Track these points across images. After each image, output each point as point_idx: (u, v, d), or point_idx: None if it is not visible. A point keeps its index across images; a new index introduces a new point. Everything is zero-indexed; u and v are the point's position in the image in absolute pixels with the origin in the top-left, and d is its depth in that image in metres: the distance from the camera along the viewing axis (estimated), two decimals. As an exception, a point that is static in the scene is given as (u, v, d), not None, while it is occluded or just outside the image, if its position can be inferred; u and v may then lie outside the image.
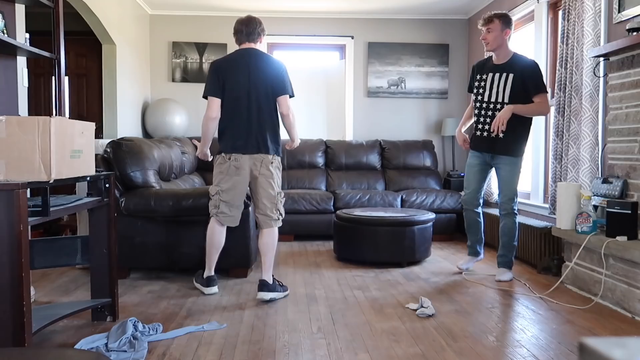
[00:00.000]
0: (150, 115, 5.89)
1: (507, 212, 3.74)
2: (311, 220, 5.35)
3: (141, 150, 3.86)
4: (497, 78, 3.66)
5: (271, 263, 3.38)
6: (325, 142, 6.16)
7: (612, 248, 3.09)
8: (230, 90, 3.30)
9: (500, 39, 3.63)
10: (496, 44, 3.64)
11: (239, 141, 3.29)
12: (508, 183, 3.70)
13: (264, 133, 3.29)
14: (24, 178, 2.09)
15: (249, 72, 3.30)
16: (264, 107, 3.30)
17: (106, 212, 2.82)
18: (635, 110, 3.24)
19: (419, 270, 4.12)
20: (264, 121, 3.29)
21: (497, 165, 3.75)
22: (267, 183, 3.31)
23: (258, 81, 3.29)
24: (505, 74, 3.63)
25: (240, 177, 3.32)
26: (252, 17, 3.42)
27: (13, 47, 3.04)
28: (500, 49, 3.66)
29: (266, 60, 3.37)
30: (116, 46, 5.11)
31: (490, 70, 3.71)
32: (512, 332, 2.74)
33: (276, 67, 3.35)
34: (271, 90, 3.31)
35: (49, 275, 3.89)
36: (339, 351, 2.46)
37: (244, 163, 3.30)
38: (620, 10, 3.50)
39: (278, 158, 3.38)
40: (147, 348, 2.46)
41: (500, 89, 3.63)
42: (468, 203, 3.90)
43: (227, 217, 3.40)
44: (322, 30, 6.40)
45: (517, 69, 3.60)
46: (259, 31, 3.40)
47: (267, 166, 3.31)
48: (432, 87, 6.46)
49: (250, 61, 3.32)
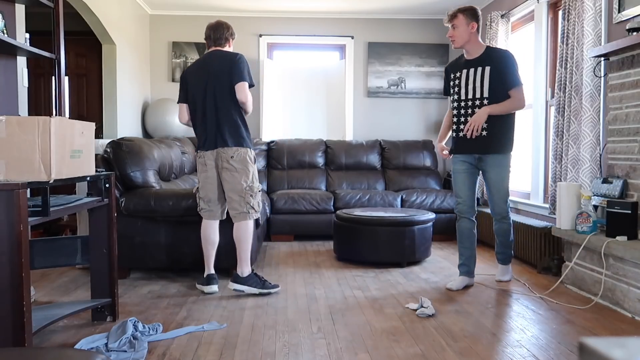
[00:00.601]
0: (150, 115, 5.89)
1: (501, 217, 3.57)
2: (311, 220, 5.35)
3: (141, 150, 3.86)
4: (472, 73, 3.43)
5: (242, 256, 3.43)
6: (325, 142, 6.16)
7: (612, 248, 3.09)
8: (192, 94, 3.46)
9: (467, 34, 3.41)
10: (463, 39, 3.42)
11: (201, 139, 3.46)
12: (498, 186, 3.49)
13: (221, 128, 3.38)
14: (24, 178, 2.09)
15: (208, 73, 3.41)
16: (221, 104, 3.38)
17: (106, 212, 2.82)
18: (635, 110, 3.24)
19: (419, 270, 4.11)
20: (221, 117, 3.38)
21: (484, 168, 3.51)
22: (230, 176, 3.39)
23: (214, 79, 3.38)
24: (480, 68, 3.41)
25: (208, 172, 3.46)
26: (221, 22, 3.51)
27: (13, 47, 3.04)
28: (469, 44, 3.44)
29: (223, 56, 3.44)
30: (116, 46, 5.11)
31: (463, 67, 3.50)
32: (512, 332, 2.74)
33: (230, 60, 3.39)
34: (228, 84, 3.36)
35: (49, 275, 3.89)
36: (339, 351, 2.46)
37: (208, 159, 3.44)
38: (620, 10, 3.50)
39: (243, 150, 3.39)
40: (147, 348, 2.46)
41: (477, 84, 3.41)
42: (464, 212, 3.58)
43: (207, 211, 3.50)
44: (322, 30, 6.40)
45: (493, 60, 3.39)
46: (226, 36, 3.50)
47: (228, 160, 3.38)
48: (432, 87, 6.46)
49: (209, 62, 3.44)
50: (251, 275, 3.40)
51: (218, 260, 3.78)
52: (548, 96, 4.61)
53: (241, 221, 3.43)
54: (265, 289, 3.39)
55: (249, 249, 3.47)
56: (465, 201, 3.58)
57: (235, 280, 3.38)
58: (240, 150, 3.39)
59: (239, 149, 3.39)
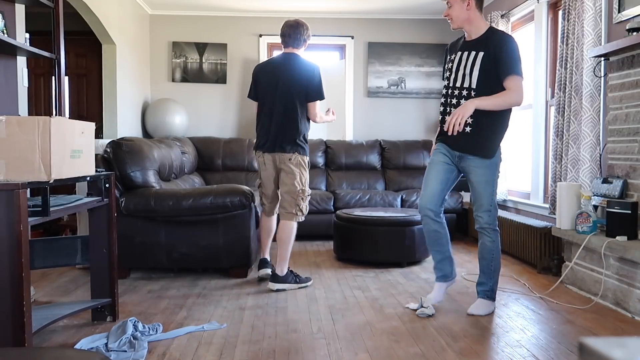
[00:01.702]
0: (150, 115, 5.89)
1: (483, 229, 3.02)
2: (311, 220, 5.32)
3: (141, 150, 3.86)
4: (465, 58, 2.97)
5: (283, 255, 3.57)
6: (325, 142, 6.16)
7: (612, 248, 3.09)
8: (262, 95, 3.63)
9: (465, 13, 2.95)
10: (460, 19, 2.97)
11: (262, 139, 3.62)
12: (483, 191, 2.97)
13: (284, 134, 3.54)
14: (24, 178, 2.09)
15: (283, 78, 3.52)
16: (290, 112, 3.53)
17: (106, 212, 2.82)
18: (635, 110, 3.24)
19: (419, 270, 4.11)
20: (287, 124, 3.53)
21: (466, 170, 3.03)
22: (287, 177, 3.56)
23: (289, 86, 3.52)
24: (474, 53, 2.94)
25: (267, 171, 3.65)
26: (300, 22, 3.63)
27: (13, 47, 3.04)
28: (468, 23, 2.98)
29: (298, 65, 3.55)
30: (116, 46, 5.11)
31: (459, 49, 3.05)
32: (512, 332, 2.74)
33: (308, 72, 3.55)
34: (302, 96, 3.54)
35: (49, 275, 3.88)
36: (339, 351, 2.46)
37: (267, 159, 3.62)
38: (620, 10, 3.50)
39: (299, 157, 3.57)
40: (147, 348, 2.46)
41: (467, 70, 2.94)
42: (424, 209, 3.05)
43: (266, 206, 3.75)
44: (322, 30, 6.40)
45: (489, 45, 2.91)
46: (305, 37, 3.64)
47: (285, 162, 3.56)
48: (432, 87, 6.46)
49: (282, 67, 3.57)
50: (288, 273, 3.55)
51: (218, 261, 3.79)
52: (548, 96, 4.61)
53: (287, 221, 3.59)
54: (303, 283, 3.58)
55: (290, 249, 3.62)
56: (426, 196, 3.05)
57: (274, 280, 3.51)
58: (297, 155, 3.56)
59: (297, 155, 3.56)
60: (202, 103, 6.37)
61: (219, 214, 3.72)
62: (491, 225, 3.00)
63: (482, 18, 3.01)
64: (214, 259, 3.76)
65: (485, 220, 2.99)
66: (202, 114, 6.36)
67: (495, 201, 3.02)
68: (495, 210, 3.01)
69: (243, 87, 6.36)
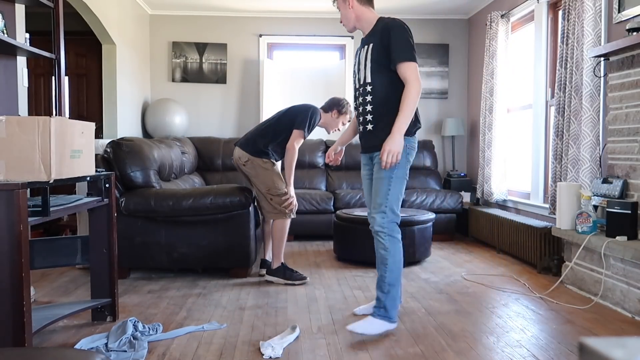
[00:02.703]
0: (150, 115, 5.89)
1: (376, 232, 2.71)
2: (311, 220, 5.35)
3: (141, 150, 3.86)
4: (362, 54, 2.81)
5: (275, 252, 3.72)
6: (325, 142, 6.16)
7: (612, 248, 3.09)
8: None
9: (350, 12, 2.84)
10: (350, 20, 2.86)
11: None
12: (377, 188, 2.72)
13: (255, 136, 3.78)
14: (24, 178, 2.09)
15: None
16: (275, 126, 3.80)
17: (106, 212, 2.82)
18: (635, 110, 3.24)
19: (419, 270, 4.11)
20: (263, 131, 3.78)
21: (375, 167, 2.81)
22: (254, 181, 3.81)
23: (287, 110, 3.91)
24: (366, 46, 2.78)
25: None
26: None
27: (13, 47, 3.04)
28: (358, 21, 2.86)
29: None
30: (116, 46, 5.11)
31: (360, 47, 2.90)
32: (512, 332, 2.74)
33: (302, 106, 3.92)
34: (289, 120, 3.80)
35: (49, 275, 3.88)
36: (339, 351, 2.46)
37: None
38: (620, 10, 3.50)
39: (258, 160, 3.72)
40: (147, 348, 2.46)
41: (362, 66, 2.78)
42: (372, 224, 2.76)
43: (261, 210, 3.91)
44: (322, 30, 6.40)
45: (376, 35, 2.77)
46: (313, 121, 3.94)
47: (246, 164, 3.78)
48: (432, 87, 6.46)
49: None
50: (280, 268, 3.69)
51: (218, 261, 3.79)
52: (548, 96, 4.61)
53: (277, 220, 3.77)
54: (294, 280, 3.66)
55: (281, 246, 3.76)
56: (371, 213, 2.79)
57: (267, 272, 3.74)
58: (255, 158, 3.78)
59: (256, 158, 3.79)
60: (202, 103, 6.37)
61: (219, 214, 3.72)
62: (385, 230, 2.68)
63: (370, 11, 2.88)
64: (214, 259, 3.77)
65: (377, 222, 2.69)
66: (202, 114, 6.36)
67: (395, 205, 2.71)
68: (392, 214, 2.69)
69: (243, 87, 6.37)
